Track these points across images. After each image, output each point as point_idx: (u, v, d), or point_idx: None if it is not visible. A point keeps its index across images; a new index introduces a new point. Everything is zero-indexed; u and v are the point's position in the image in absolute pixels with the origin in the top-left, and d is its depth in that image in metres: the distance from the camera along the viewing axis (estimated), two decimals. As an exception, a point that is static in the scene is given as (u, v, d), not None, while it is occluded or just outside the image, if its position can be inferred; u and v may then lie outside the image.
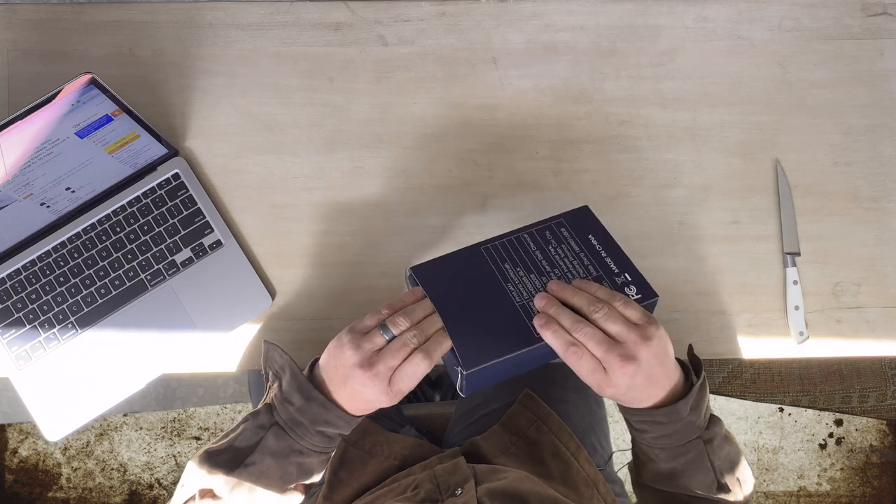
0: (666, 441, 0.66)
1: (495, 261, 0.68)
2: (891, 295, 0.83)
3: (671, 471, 0.68)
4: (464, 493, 0.67)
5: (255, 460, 0.65)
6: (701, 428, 0.66)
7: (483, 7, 0.85)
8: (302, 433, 0.65)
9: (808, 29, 0.85)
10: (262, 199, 0.82)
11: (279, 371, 0.68)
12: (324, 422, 0.65)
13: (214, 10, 0.84)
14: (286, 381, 0.66)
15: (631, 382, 0.60)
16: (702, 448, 0.66)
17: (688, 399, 0.64)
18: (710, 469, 0.67)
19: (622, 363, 0.59)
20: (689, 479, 0.68)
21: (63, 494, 1.71)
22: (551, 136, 0.83)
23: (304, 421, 0.65)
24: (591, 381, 0.61)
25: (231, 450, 0.65)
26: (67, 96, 0.64)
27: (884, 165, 0.84)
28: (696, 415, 0.65)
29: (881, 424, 1.75)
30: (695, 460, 0.67)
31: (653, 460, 0.69)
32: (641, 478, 0.73)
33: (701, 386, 0.65)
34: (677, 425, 0.65)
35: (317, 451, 0.67)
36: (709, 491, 0.68)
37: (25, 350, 0.78)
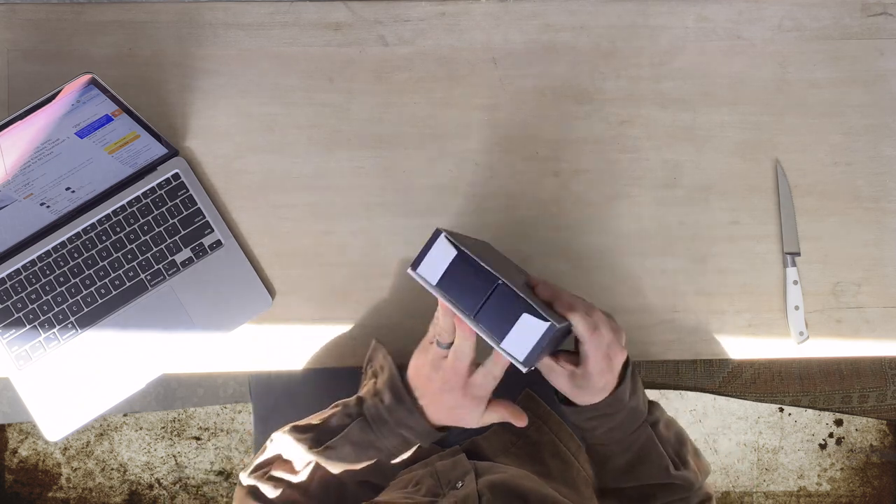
0: (617, 433, 0.68)
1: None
2: (891, 295, 0.83)
3: (628, 463, 0.69)
4: (464, 485, 0.67)
5: (336, 445, 0.67)
6: (643, 413, 0.69)
7: (483, 7, 0.85)
8: (385, 432, 0.67)
9: (808, 29, 0.85)
10: (262, 199, 0.82)
11: (378, 370, 0.71)
12: (406, 426, 0.67)
13: (214, 10, 0.84)
14: (383, 378, 0.69)
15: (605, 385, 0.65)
16: (649, 432, 0.69)
17: (625, 384, 0.66)
18: (662, 451, 0.69)
19: (622, 351, 0.65)
20: (646, 466, 0.69)
21: (63, 494, 1.71)
22: (551, 136, 0.83)
23: (389, 420, 0.67)
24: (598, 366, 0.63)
25: (317, 429, 0.68)
26: (67, 96, 0.64)
27: (884, 165, 0.84)
28: (636, 400, 0.68)
29: (881, 424, 1.74)
30: (646, 445, 0.69)
31: (609, 458, 0.70)
32: (605, 482, 0.74)
33: (633, 372, 0.68)
34: (622, 414, 0.67)
35: (392, 455, 0.69)
36: (667, 472, 0.69)
37: (25, 350, 0.78)
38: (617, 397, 0.66)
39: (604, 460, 0.72)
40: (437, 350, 0.65)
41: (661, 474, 0.69)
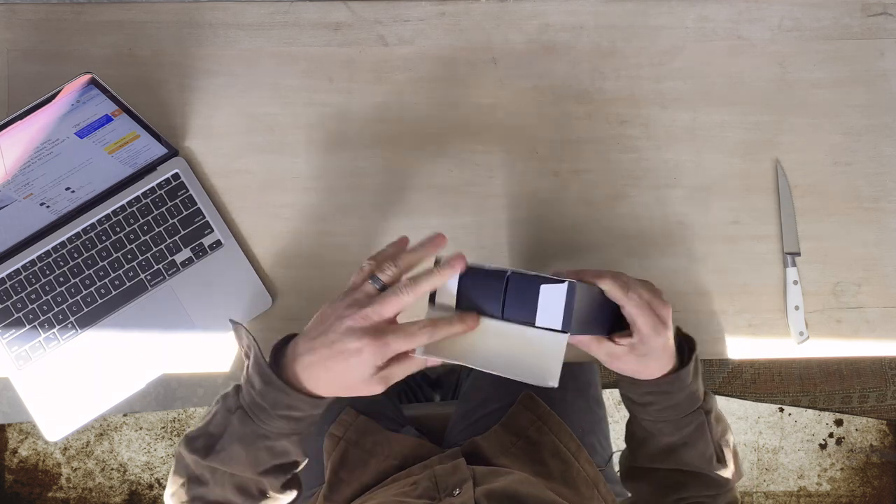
0: (670, 413, 0.68)
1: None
2: (891, 295, 0.83)
3: (673, 445, 0.69)
4: (461, 493, 0.67)
5: (224, 446, 0.62)
6: (700, 399, 0.69)
7: (483, 7, 0.85)
8: (265, 418, 0.61)
9: (808, 29, 0.85)
10: (262, 199, 0.82)
11: (247, 351, 0.64)
12: (285, 406, 0.60)
13: (214, 10, 0.84)
14: (251, 362, 0.62)
15: (666, 343, 0.64)
16: (703, 419, 0.68)
17: (689, 367, 0.66)
18: (710, 441, 0.69)
19: (665, 305, 0.64)
20: (690, 451, 0.69)
21: (63, 494, 1.71)
22: (551, 136, 0.83)
23: (265, 405, 0.60)
24: (648, 323, 0.62)
25: (205, 435, 0.63)
26: (67, 96, 0.64)
27: (884, 165, 0.84)
28: (696, 384, 0.68)
29: (881, 424, 1.74)
30: (696, 431, 0.68)
31: (655, 436, 0.70)
32: (637, 459, 0.74)
33: (697, 357, 0.69)
34: (681, 395, 0.67)
35: (284, 434, 0.62)
36: (708, 464, 0.69)
37: (25, 350, 0.78)
38: (680, 377, 0.66)
39: (646, 438, 0.71)
40: (368, 287, 0.58)
41: (702, 464, 0.69)
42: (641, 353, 0.64)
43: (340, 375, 0.57)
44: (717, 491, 0.70)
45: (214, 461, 0.62)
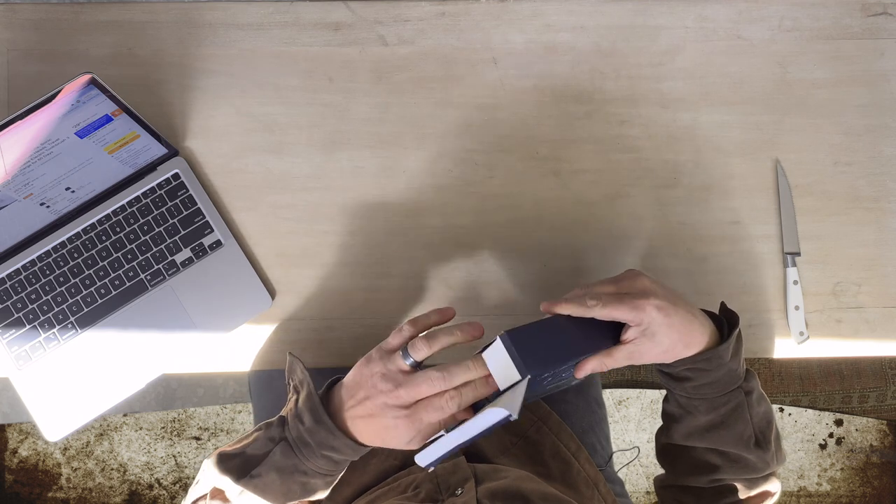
0: (708, 390, 0.66)
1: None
2: (891, 295, 0.83)
3: (709, 423, 0.67)
4: (464, 493, 0.67)
5: (261, 473, 0.64)
6: (741, 378, 0.67)
7: (483, 7, 0.85)
8: (308, 454, 0.64)
9: (808, 29, 0.85)
10: (262, 199, 0.82)
11: (298, 385, 0.67)
12: (330, 447, 0.63)
13: (214, 10, 0.84)
14: (302, 397, 0.65)
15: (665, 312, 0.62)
16: (742, 399, 0.67)
17: (728, 343, 0.65)
18: (749, 422, 0.67)
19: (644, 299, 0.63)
20: (727, 431, 0.67)
21: (63, 494, 1.71)
22: (551, 136, 0.83)
23: (311, 442, 0.63)
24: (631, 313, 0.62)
25: (242, 456, 0.65)
26: (67, 96, 0.64)
27: (884, 165, 0.84)
28: (736, 362, 0.66)
29: (881, 424, 1.74)
30: (734, 411, 0.67)
31: (691, 413, 0.68)
32: (672, 437, 0.71)
33: (738, 335, 0.67)
34: (719, 372, 0.65)
35: (321, 474, 0.65)
36: (746, 446, 0.67)
37: (25, 350, 0.78)
38: (718, 353, 0.64)
39: (682, 416, 0.69)
40: (400, 362, 0.61)
41: (739, 444, 0.67)
42: (651, 336, 0.63)
43: (381, 439, 0.63)
44: (754, 475, 0.68)
45: (248, 485, 0.64)
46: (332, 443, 0.63)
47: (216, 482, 0.67)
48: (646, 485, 1.75)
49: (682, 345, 0.64)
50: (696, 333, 0.65)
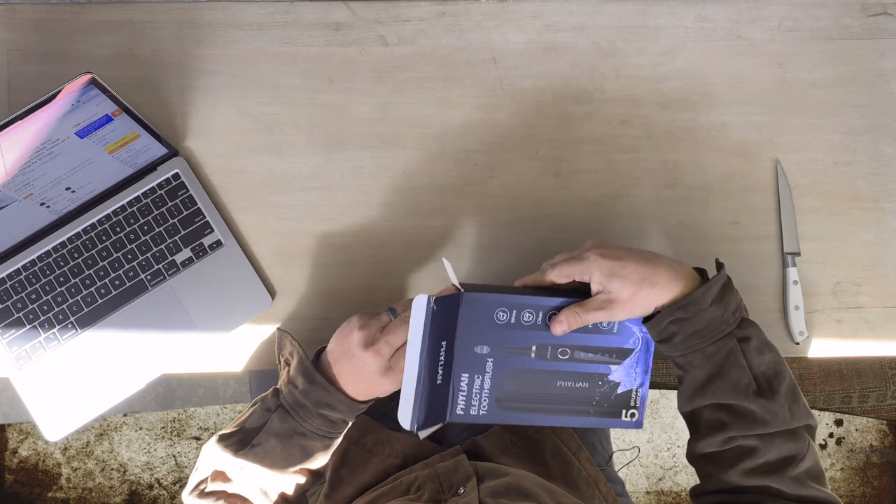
0: (696, 341, 0.66)
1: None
2: (891, 295, 0.83)
3: (707, 376, 0.66)
4: (466, 492, 0.67)
5: (261, 441, 0.67)
6: (730, 324, 0.66)
7: (483, 7, 0.85)
8: (305, 415, 0.67)
9: (808, 29, 0.85)
10: (262, 199, 0.82)
11: (289, 357, 0.71)
12: (325, 404, 0.67)
13: (214, 10, 0.84)
14: (293, 365, 0.69)
15: (619, 263, 0.65)
16: (734, 345, 0.65)
17: (706, 288, 0.65)
18: (746, 369, 0.65)
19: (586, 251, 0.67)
20: (724, 381, 0.65)
21: (63, 494, 1.71)
22: (551, 136, 0.83)
23: (307, 403, 0.67)
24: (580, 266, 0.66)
25: (240, 432, 0.68)
26: (67, 96, 0.64)
27: (884, 165, 0.84)
28: (721, 309, 0.65)
29: (881, 424, 1.75)
30: (728, 358, 0.65)
31: (689, 371, 0.67)
32: (681, 404, 0.70)
33: (725, 284, 0.66)
34: (702, 319, 0.65)
35: (319, 435, 0.68)
36: (745, 395, 0.65)
37: (25, 350, 0.78)
38: (693, 298, 0.64)
39: (683, 378, 0.69)
40: (383, 317, 0.68)
41: (738, 394, 0.65)
42: (610, 279, 0.65)
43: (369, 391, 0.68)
44: (764, 430, 0.64)
45: (248, 455, 0.67)
46: (327, 399, 0.67)
47: (216, 464, 0.68)
48: (646, 485, 1.75)
49: (649, 285, 0.65)
50: (663, 273, 0.65)
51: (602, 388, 0.70)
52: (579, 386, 0.69)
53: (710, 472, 0.68)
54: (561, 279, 0.67)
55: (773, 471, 0.64)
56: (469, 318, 0.66)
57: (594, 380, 0.69)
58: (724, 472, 0.66)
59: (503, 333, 0.67)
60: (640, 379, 0.71)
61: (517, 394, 0.68)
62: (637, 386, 0.71)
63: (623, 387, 0.70)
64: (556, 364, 0.69)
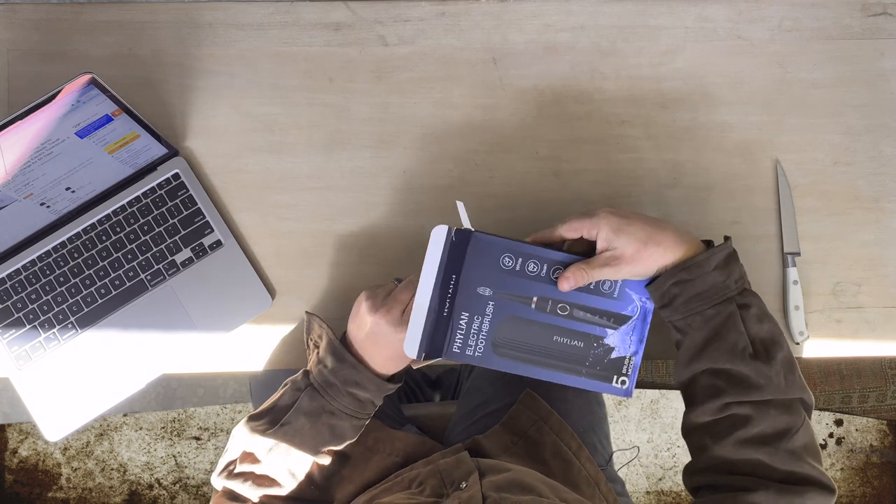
0: (696, 303, 0.67)
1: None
2: (891, 295, 0.83)
3: (705, 339, 0.67)
4: (469, 486, 0.67)
5: (290, 420, 0.69)
6: (731, 290, 0.67)
7: (483, 7, 0.85)
8: (334, 394, 0.69)
9: (808, 29, 0.85)
10: (262, 199, 0.82)
11: (317, 339, 0.73)
12: (354, 382, 0.69)
13: (214, 10, 0.84)
14: (322, 346, 0.71)
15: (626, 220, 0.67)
16: (734, 310, 0.67)
17: (710, 253, 0.66)
18: (743, 333, 0.66)
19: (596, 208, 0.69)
20: (720, 343, 0.66)
21: (63, 494, 1.71)
22: (551, 136, 0.83)
23: (335, 382, 0.69)
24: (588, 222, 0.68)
25: (271, 412, 0.70)
26: (67, 96, 0.64)
27: (884, 165, 0.84)
28: (724, 275, 0.67)
29: (881, 424, 1.75)
30: (727, 322, 0.66)
31: (688, 334, 0.68)
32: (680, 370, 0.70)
33: (731, 254, 0.68)
34: (704, 282, 0.66)
35: (348, 414, 0.70)
36: (741, 357, 0.65)
37: (25, 350, 0.78)
38: (696, 261, 0.66)
39: (682, 340, 0.70)
40: (388, 285, 0.72)
41: (734, 356, 0.65)
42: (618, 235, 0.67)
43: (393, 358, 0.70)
44: (759, 396, 0.65)
45: (278, 434, 0.68)
46: (356, 377, 0.69)
47: (246, 445, 0.69)
48: (646, 485, 1.75)
49: (654, 244, 0.67)
50: (668, 235, 0.67)
51: (596, 351, 0.71)
52: (574, 344, 0.70)
53: (704, 444, 0.67)
54: (569, 233, 0.69)
55: (766, 442, 0.64)
56: (475, 257, 0.68)
57: (589, 341, 0.70)
58: (719, 443, 0.65)
59: (507, 279, 0.69)
60: (634, 347, 0.72)
61: (513, 342, 0.69)
62: (631, 354, 0.71)
63: (617, 352, 0.71)
64: (554, 318, 0.70)
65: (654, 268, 0.68)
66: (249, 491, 0.68)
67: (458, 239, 0.67)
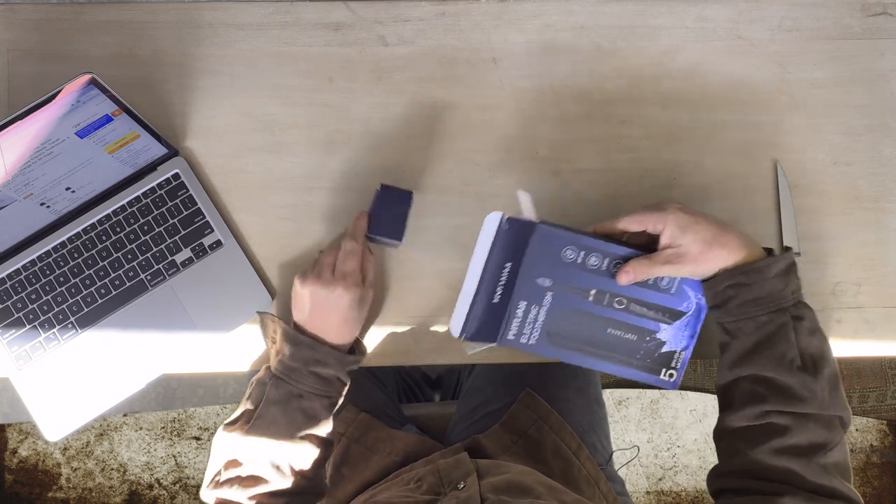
0: (751, 308, 0.66)
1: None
2: (891, 295, 0.83)
3: (754, 344, 0.67)
4: (466, 487, 0.67)
5: (262, 413, 0.69)
6: (787, 301, 0.66)
7: (483, 7, 0.85)
8: (298, 377, 0.69)
9: (808, 29, 0.85)
10: (262, 199, 0.82)
11: (273, 335, 0.73)
12: (314, 361, 0.69)
13: (214, 10, 0.84)
14: (278, 338, 0.71)
15: (694, 218, 0.67)
16: (787, 321, 0.66)
17: (772, 260, 0.66)
18: (794, 344, 0.66)
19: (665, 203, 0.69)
20: (770, 351, 0.66)
21: (63, 494, 1.71)
22: (551, 136, 0.83)
23: (296, 365, 0.69)
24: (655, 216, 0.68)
25: (243, 414, 0.70)
26: (67, 96, 0.64)
27: (884, 165, 0.84)
28: (781, 284, 0.66)
29: (881, 424, 1.75)
30: (779, 331, 0.66)
31: (737, 338, 0.68)
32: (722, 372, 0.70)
33: (791, 265, 0.68)
34: (762, 289, 0.66)
35: (316, 394, 0.70)
36: (789, 368, 0.65)
37: (25, 350, 0.78)
38: (756, 267, 0.66)
39: (729, 344, 0.69)
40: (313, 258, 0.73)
41: (782, 366, 0.65)
42: (683, 233, 0.66)
43: (348, 324, 0.72)
44: (800, 408, 0.64)
45: (254, 430, 0.68)
46: (315, 356, 0.69)
47: (226, 453, 0.69)
48: (646, 484, 1.75)
49: (719, 245, 0.67)
50: (733, 237, 0.67)
51: (648, 344, 0.72)
52: (627, 337, 0.71)
53: (737, 449, 0.67)
54: (633, 226, 0.69)
55: (801, 454, 0.64)
56: (538, 249, 0.68)
57: (643, 334, 0.71)
58: (753, 449, 0.65)
59: (567, 271, 0.69)
60: (685, 342, 0.73)
61: (568, 332, 0.70)
62: (682, 348, 0.73)
63: (668, 346, 0.72)
64: (610, 312, 0.71)
65: (715, 269, 0.68)
66: (238, 494, 0.67)
67: (516, 228, 0.67)
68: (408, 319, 0.81)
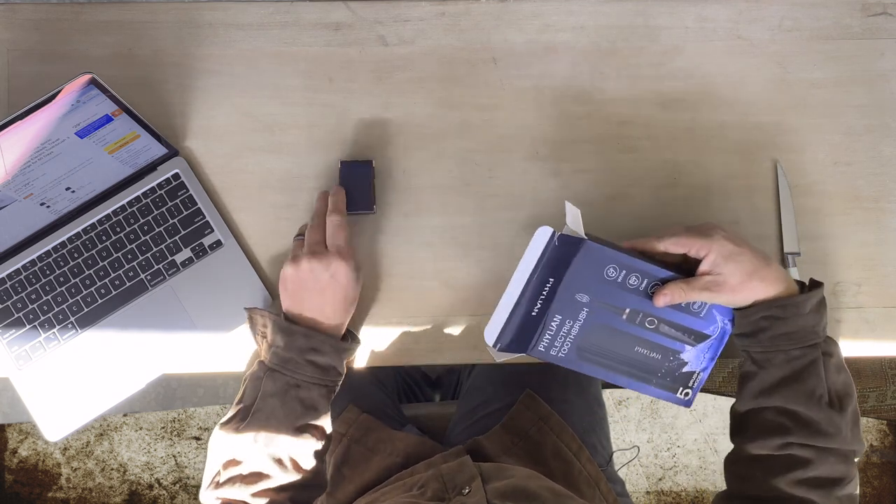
0: (783, 341, 0.67)
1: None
2: (891, 295, 0.83)
3: (783, 377, 0.67)
4: (472, 492, 0.67)
5: (259, 406, 0.68)
6: (819, 337, 0.67)
7: (483, 7, 0.85)
8: (294, 367, 0.69)
9: (808, 29, 0.85)
10: (262, 199, 0.82)
11: (262, 328, 0.73)
12: (310, 349, 0.69)
13: (214, 10, 0.84)
14: (269, 330, 0.71)
15: (739, 249, 0.66)
16: (818, 356, 0.67)
17: (809, 295, 0.66)
18: (823, 380, 0.66)
19: (713, 230, 0.68)
20: (799, 386, 0.66)
21: (63, 494, 1.71)
22: (551, 136, 0.83)
23: (292, 356, 0.69)
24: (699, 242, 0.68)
25: (240, 411, 0.69)
26: (67, 96, 0.64)
27: (884, 165, 0.84)
28: (815, 320, 0.67)
29: (881, 424, 1.75)
30: (809, 366, 0.66)
31: (766, 368, 0.68)
32: (744, 398, 0.70)
33: (822, 300, 0.68)
34: (796, 322, 0.66)
35: (314, 383, 0.69)
36: (817, 404, 0.66)
37: (25, 350, 0.78)
38: (794, 301, 0.66)
39: (756, 374, 0.69)
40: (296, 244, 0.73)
41: (810, 402, 0.66)
42: (725, 262, 0.66)
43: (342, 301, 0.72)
44: (824, 443, 0.65)
45: (252, 425, 0.67)
46: (310, 344, 0.69)
47: (224, 453, 0.68)
48: (646, 485, 1.75)
49: (758, 278, 0.66)
50: (772, 271, 0.67)
51: (671, 364, 0.73)
52: (653, 356, 0.72)
53: (752, 476, 0.68)
54: (675, 248, 0.69)
55: (821, 486, 0.65)
56: (582, 265, 0.69)
57: (667, 354, 0.72)
58: (773, 478, 0.66)
59: (606, 289, 0.70)
60: (705, 364, 0.74)
61: (598, 347, 0.71)
62: (701, 369, 0.74)
63: (689, 367, 0.73)
64: (640, 331, 0.71)
65: (751, 300, 0.68)
66: (240, 492, 0.67)
67: (562, 243, 0.68)
68: (408, 319, 0.81)
